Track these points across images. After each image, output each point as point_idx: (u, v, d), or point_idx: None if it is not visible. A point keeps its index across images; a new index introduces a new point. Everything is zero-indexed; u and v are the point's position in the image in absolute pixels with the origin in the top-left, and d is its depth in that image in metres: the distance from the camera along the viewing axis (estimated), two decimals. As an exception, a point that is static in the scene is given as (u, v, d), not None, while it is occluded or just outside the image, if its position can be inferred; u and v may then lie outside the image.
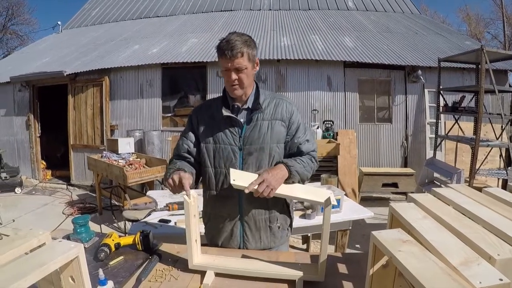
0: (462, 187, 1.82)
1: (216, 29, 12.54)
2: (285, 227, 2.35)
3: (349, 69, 9.24)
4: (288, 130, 2.23)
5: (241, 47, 2.02)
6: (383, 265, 1.27)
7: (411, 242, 1.20)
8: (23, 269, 1.05)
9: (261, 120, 2.17)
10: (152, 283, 1.80)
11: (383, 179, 8.02)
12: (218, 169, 2.21)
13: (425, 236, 1.24)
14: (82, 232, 2.26)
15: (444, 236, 1.25)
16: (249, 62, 2.09)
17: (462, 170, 5.75)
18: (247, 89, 2.18)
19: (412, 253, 1.11)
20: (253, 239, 2.25)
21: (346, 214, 4.08)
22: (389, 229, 1.34)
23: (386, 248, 1.16)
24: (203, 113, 2.31)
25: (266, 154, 2.17)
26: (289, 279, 1.80)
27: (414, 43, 10.91)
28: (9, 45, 29.75)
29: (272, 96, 2.27)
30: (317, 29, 12.02)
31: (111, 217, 7.47)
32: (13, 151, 11.70)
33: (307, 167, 2.18)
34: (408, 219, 1.42)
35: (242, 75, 2.08)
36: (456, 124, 6.78)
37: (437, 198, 1.72)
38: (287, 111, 2.22)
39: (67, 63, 11.16)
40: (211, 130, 2.22)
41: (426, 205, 1.57)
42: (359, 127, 9.23)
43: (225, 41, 2.04)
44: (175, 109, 9.83)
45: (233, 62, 2.03)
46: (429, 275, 0.99)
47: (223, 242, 2.31)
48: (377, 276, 1.28)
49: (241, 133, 2.17)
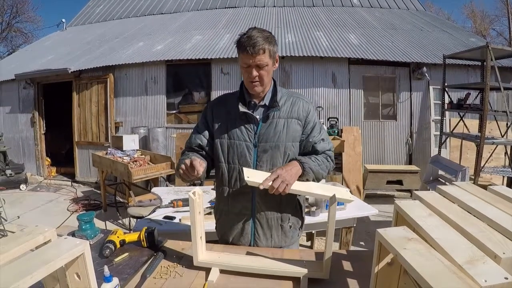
0: (468, 185, 1.81)
1: (220, 26, 12.55)
2: (296, 227, 2.33)
3: (354, 66, 9.21)
4: (304, 129, 2.19)
5: (263, 44, 1.98)
6: (388, 263, 1.26)
7: (416, 240, 1.19)
8: (29, 266, 1.05)
9: (277, 118, 2.14)
10: (157, 280, 1.79)
11: (387, 176, 7.99)
12: (232, 165, 2.18)
13: (431, 234, 1.23)
14: (87, 228, 2.27)
15: (450, 234, 1.24)
16: (270, 59, 2.05)
17: (467, 168, 5.73)
18: (266, 86, 2.16)
19: (418, 251, 1.11)
20: (264, 237, 2.23)
21: (351, 211, 4.09)
22: (395, 227, 1.33)
23: (391, 246, 1.15)
24: (219, 107, 2.28)
25: (281, 152, 2.13)
26: (294, 276, 1.79)
27: (419, 39, 10.86)
28: (13, 43, 29.94)
29: (289, 94, 2.23)
30: (322, 26, 11.98)
31: (115, 214, 7.48)
32: (18, 148, 11.77)
33: (322, 165, 2.16)
34: (413, 216, 1.41)
35: (263, 72, 2.05)
36: (461, 121, 6.76)
37: (442, 195, 1.70)
38: (303, 110, 2.18)
39: (71, 60, 11.19)
40: (226, 126, 2.19)
41: (431, 203, 1.55)
42: (364, 124, 9.21)
43: (246, 36, 2.00)
44: (180, 106, 9.84)
45: (254, 58, 1.98)
46: (434, 273, 0.99)
47: (233, 239, 2.29)
48: (382, 274, 1.28)
49: (256, 130, 2.14)
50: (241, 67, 2.11)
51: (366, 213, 4.24)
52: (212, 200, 4.16)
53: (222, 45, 10.17)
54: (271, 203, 2.17)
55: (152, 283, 1.76)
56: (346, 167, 7.81)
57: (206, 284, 1.75)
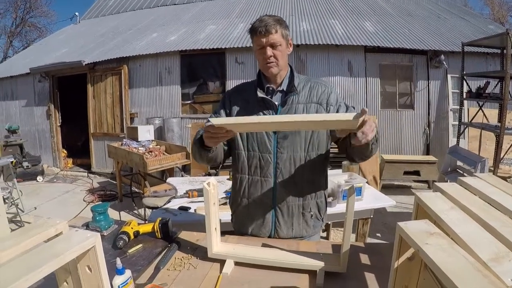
0: (489, 177, 1.73)
1: (234, 15, 12.51)
2: (318, 217, 2.26)
3: (370, 54, 9.08)
4: (328, 112, 2.09)
5: (274, 24, 1.98)
6: (408, 257, 1.21)
7: (439, 234, 1.13)
8: (38, 260, 1.03)
9: (296, 103, 2.09)
10: (171, 272, 1.77)
11: (404, 167, 7.90)
12: (252, 152, 2.14)
13: (454, 228, 1.17)
14: (101, 220, 2.27)
15: (473, 229, 1.18)
16: (283, 39, 2.04)
17: (486, 159, 5.62)
18: (282, 70, 2.12)
19: (440, 246, 1.04)
20: (285, 226, 2.17)
21: (368, 202, 4.04)
22: (416, 220, 1.26)
23: (413, 241, 1.09)
24: (237, 95, 2.24)
25: (302, 138, 2.08)
26: (310, 269, 1.75)
27: (436, 27, 10.67)
28: (28, 38, 30.34)
29: (307, 79, 2.19)
30: (337, 13, 11.83)
31: (131, 204, 7.54)
32: (34, 141, 11.94)
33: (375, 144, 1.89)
34: (435, 210, 1.35)
35: (277, 52, 2.03)
36: (480, 111, 6.64)
37: (464, 187, 1.64)
38: (323, 93, 2.11)
39: (85, 53, 11.29)
40: (245, 112, 2.14)
41: (453, 195, 1.48)
42: (381, 114, 9.09)
43: (258, 20, 2.02)
44: (194, 96, 9.84)
45: (267, 38, 1.98)
46: (458, 270, 0.93)
47: (253, 230, 2.25)
48: (402, 269, 1.23)
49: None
50: (255, 52, 2.11)
51: (384, 204, 4.17)
52: (227, 190, 4.14)
53: (236, 35, 10.13)
54: (293, 190, 2.12)
55: (166, 274, 1.75)
56: (363, 157, 7.74)
57: (220, 276, 1.73)
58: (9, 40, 29.41)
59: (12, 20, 29.38)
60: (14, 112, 12.33)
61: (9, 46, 29.53)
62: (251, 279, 1.71)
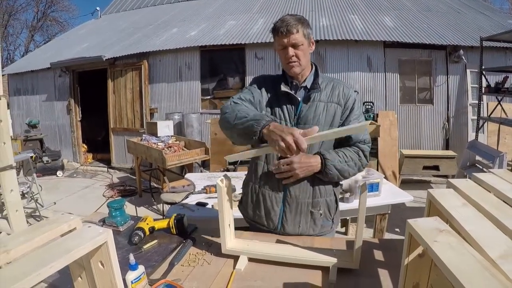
0: (505, 172, 1.73)
1: (255, 11, 12.49)
2: (328, 217, 2.24)
3: (389, 49, 9.03)
4: (342, 114, 2.14)
5: (296, 24, 1.99)
6: (419, 254, 1.21)
7: (448, 232, 1.12)
8: (50, 255, 1.05)
9: (318, 100, 2.11)
10: (185, 268, 1.81)
11: (424, 162, 7.88)
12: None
13: (464, 225, 1.18)
14: (117, 215, 2.30)
15: (485, 226, 1.18)
16: (305, 39, 2.05)
17: (505, 154, 5.61)
18: (305, 69, 2.15)
19: (449, 244, 1.05)
20: (292, 222, 2.17)
21: (385, 198, 4.08)
22: (426, 217, 1.27)
23: (421, 238, 1.10)
24: (264, 83, 2.25)
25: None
26: (323, 265, 1.77)
27: (455, 22, 10.55)
28: (49, 32, 30.67)
29: (330, 79, 2.21)
30: (356, 8, 11.75)
31: (150, 200, 7.63)
32: (54, 136, 12.07)
33: (350, 162, 2.09)
34: (446, 206, 1.35)
35: (299, 52, 2.04)
36: (499, 105, 6.62)
37: (478, 184, 1.62)
38: (344, 95, 2.14)
39: (106, 48, 11.37)
40: (270, 102, 2.18)
41: (466, 192, 1.48)
42: (400, 109, 9.05)
43: (280, 20, 2.04)
44: (214, 91, 9.89)
45: (289, 38, 2.00)
46: (465, 268, 0.93)
47: (258, 218, 2.27)
48: (412, 266, 1.22)
49: (296, 111, 2.11)
50: (278, 52, 2.14)
51: (401, 200, 4.21)
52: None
53: (256, 30, 10.13)
54: (303, 186, 2.13)
55: (180, 270, 1.78)
56: (382, 152, 7.73)
57: (234, 272, 1.76)
58: (30, 34, 29.72)
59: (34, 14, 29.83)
60: (34, 106, 12.45)
61: (31, 40, 29.88)
62: (264, 275, 1.74)
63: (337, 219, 2.37)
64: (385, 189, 4.18)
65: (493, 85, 6.71)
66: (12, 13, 28.22)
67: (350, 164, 2.08)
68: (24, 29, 30.00)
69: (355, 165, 2.11)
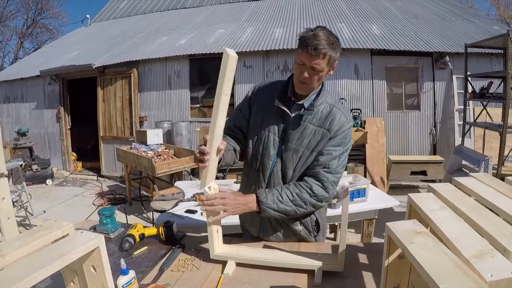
0: (485, 176, 1.78)
1: (243, 19, 12.60)
2: (307, 234, 2.22)
3: (376, 56, 9.15)
4: (328, 141, 2.01)
5: (326, 48, 1.80)
6: (398, 256, 1.26)
7: (425, 233, 1.18)
8: (45, 259, 1.10)
9: (308, 122, 2.00)
10: (175, 273, 1.86)
11: (411, 167, 7.96)
12: (256, 153, 2.13)
13: (440, 227, 1.23)
14: (108, 223, 2.35)
15: (460, 228, 1.23)
16: (327, 65, 1.88)
17: (490, 158, 5.72)
18: (313, 90, 2.01)
19: (425, 245, 1.10)
20: (272, 231, 2.20)
21: (372, 203, 4.13)
22: (404, 221, 1.31)
23: (399, 240, 1.15)
24: (263, 93, 2.18)
25: (297, 157, 2.02)
26: (309, 269, 1.83)
27: (441, 29, 10.71)
28: (39, 39, 30.31)
29: (332, 104, 2.05)
30: (344, 17, 11.89)
31: (140, 208, 7.61)
32: (44, 144, 12.01)
33: (298, 201, 1.96)
34: (424, 209, 1.41)
35: (315, 77, 1.89)
36: (484, 110, 6.72)
37: (458, 188, 1.69)
38: (337, 124, 1.99)
39: (95, 56, 11.36)
40: (263, 113, 2.11)
41: (445, 195, 1.54)
42: (387, 115, 9.16)
43: (312, 34, 1.81)
44: (203, 100, 9.91)
45: (312, 61, 1.82)
46: (439, 267, 0.97)
47: (245, 224, 2.35)
48: (392, 267, 1.27)
49: (285, 126, 2.04)
50: (295, 62, 1.94)
51: (388, 205, 4.23)
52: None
53: (244, 39, 10.22)
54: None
55: (170, 275, 1.83)
56: (370, 159, 7.80)
57: (222, 277, 1.81)
58: (20, 41, 29.43)
59: (24, 21, 29.46)
60: (24, 114, 12.37)
61: (20, 47, 29.57)
62: (252, 279, 1.79)
63: (322, 236, 2.32)
64: (372, 194, 4.24)
65: (478, 90, 6.80)
66: (2, 20, 27.96)
67: (297, 203, 1.96)
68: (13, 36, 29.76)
69: (305, 204, 1.97)
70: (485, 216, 1.31)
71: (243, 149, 2.21)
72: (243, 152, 2.22)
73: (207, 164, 1.81)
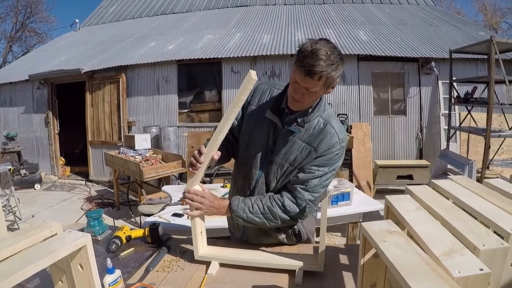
0: (463, 179, 1.81)
1: (231, 25, 12.67)
2: (289, 241, 2.22)
3: (363, 62, 9.24)
4: (312, 159, 1.92)
5: (323, 70, 1.63)
6: (373, 255, 1.29)
7: (398, 233, 1.21)
8: (34, 256, 1.16)
9: (298, 138, 1.90)
10: (160, 273, 1.90)
11: (398, 171, 8.01)
12: (243, 160, 2.12)
13: (414, 227, 1.26)
14: (95, 225, 2.39)
15: (433, 228, 1.25)
16: (323, 86, 1.72)
17: (474, 161, 5.80)
18: (306, 107, 1.88)
19: (396, 244, 1.13)
20: (255, 236, 2.22)
21: (357, 207, 4.16)
22: (379, 221, 1.33)
23: (372, 239, 1.18)
24: (261, 96, 2.09)
25: (282, 171, 1.97)
26: (290, 269, 1.88)
27: (427, 34, 10.85)
28: (28, 43, 30.23)
29: (327, 119, 1.92)
30: (332, 23, 12.02)
31: (128, 212, 7.62)
32: (32, 148, 11.93)
33: (268, 215, 1.94)
34: (400, 210, 1.43)
35: (307, 97, 1.77)
36: (469, 115, 6.80)
37: (435, 190, 1.72)
38: (326, 144, 1.88)
39: (84, 60, 11.33)
40: (255, 121, 2.04)
41: (421, 197, 1.57)
42: (374, 120, 9.26)
43: (311, 51, 1.64)
44: (191, 105, 9.96)
45: (305, 81, 1.68)
46: (409, 264, 1.00)
47: (231, 226, 2.40)
48: (368, 266, 1.31)
49: (275, 138, 1.97)
50: (290, 77, 1.80)
51: (372, 208, 4.25)
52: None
53: (232, 44, 10.27)
54: None
55: (155, 276, 1.88)
56: (356, 163, 7.85)
57: (205, 277, 1.86)
58: (8, 45, 29.29)
59: (12, 24, 29.33)
60: (12, 119, 12.28)
61: (9, 51, 29.48)
62: (235, 279, 1.84)
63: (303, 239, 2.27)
64: (357, 198, 4.29)
65: (463, 95, 6.88)
66: (-10, 23, 28.02)
67: (267, 217, 1.94)
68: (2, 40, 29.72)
69: (274, 218, 1.94)
70: (459, 216, 1.35)
71: (231, 151, 2.20)
72: (231, 154, 2.22)
73: (197, 172, 1.86)
